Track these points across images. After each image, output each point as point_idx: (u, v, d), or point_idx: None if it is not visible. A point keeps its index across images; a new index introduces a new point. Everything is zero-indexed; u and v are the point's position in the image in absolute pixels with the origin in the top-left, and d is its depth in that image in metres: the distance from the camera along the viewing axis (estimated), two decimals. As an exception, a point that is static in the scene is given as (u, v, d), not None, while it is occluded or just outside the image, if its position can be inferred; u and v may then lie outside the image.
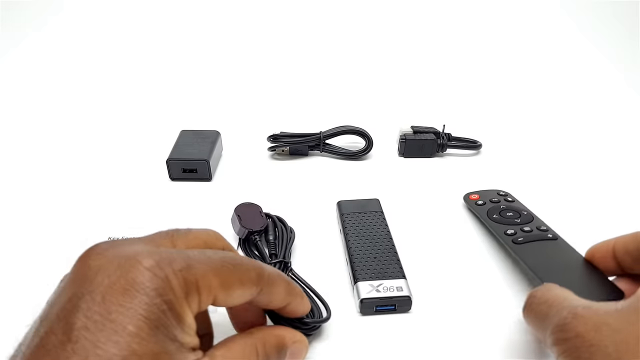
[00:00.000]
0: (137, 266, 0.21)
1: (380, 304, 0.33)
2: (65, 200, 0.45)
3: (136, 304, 0.20)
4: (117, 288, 0.20)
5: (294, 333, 0.28)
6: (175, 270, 0.21)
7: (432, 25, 0.77)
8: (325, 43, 0.76)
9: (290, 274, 0.36)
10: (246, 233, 0.39)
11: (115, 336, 0.19)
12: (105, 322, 0.19)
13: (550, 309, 0.25)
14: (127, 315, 0.19)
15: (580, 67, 0.72)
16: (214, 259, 0.24)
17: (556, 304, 0.25)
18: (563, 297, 0.26)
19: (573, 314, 0.24)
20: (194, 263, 0.22)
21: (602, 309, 0.23)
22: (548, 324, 0.25)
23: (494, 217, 0.41)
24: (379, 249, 0.37)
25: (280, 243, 0.38)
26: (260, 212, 0.41)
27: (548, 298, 0.26)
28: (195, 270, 0.22)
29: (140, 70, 0.71)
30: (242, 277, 0.24)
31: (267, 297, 0.27)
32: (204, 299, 0.23)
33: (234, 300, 0.25)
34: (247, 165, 0.52)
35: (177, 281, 0.21)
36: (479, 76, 0.71)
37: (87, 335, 0.19)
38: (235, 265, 0.24)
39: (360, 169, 0.52)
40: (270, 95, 0.67)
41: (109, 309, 0.19)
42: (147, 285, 0.20)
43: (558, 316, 0.24)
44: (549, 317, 0.25)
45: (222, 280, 0.23)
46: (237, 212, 0.40)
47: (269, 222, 0.40)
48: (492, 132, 0.57)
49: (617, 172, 0.51)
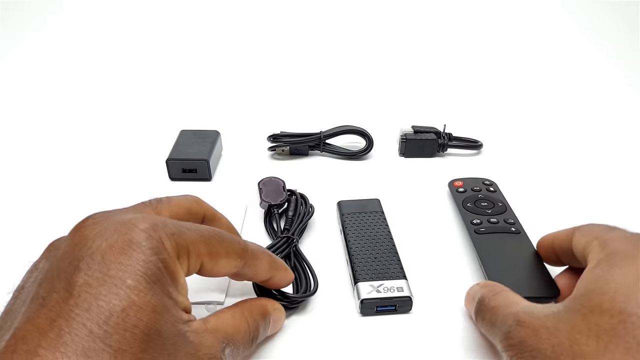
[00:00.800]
0: (133, 229, 0.22)
1: (381, 305, 0.33)
2: (65, 200, 0.45)
3: (134, 261, 0.21)
4: (115, 248, 0.21)
5: (273, 302, 0.32)
6: (168, 234, 0.23)
7: (432, 25, 0.77)
8: (325, 43, 0.76)
9: (294, 250, 0.37)
10: (267, 206, 0.41)
11: (116, 289, 0.20)
12: (106, 277, 0.21)
13: (497, 318, 0.26)
14: (126, 271, 0.21)
15: (582, 67, 0.72)
16: (202, 229, 0.26)
17: (501, 312, 0.26)
18: (507, 303, 0.27)
19: (516, 320, 0.24)
20: (185, 230, 0.24)
21: (542, 313, 0.24)
22: (496, 332, 0.26)
23: (467, 205, 0.41)
24: (379, 249, 0.37)
25: (296, 219, 0.40)
26: (283, 187, 0.43)
27: (494, 305, 0.27)
28: (186, 236, 0.24)
29: (140, 70, 0.71)
30: (227, 248, 0.27)
31: (252, 270, 0.29)
32: (192, 263, 0.25)
33: (220, 270, 0.27)
34: (247, 165, 0.52)
35: (170, 243, 0.23)
36: (479, 76, 0.71)
37: (88, 290, 0.20)
38: (221, 237, 0.27)
39: (361, 169, 0.51)
40: (270, 95, 0.67)
41: (108, 266, 0.21)
42: (144, 244, 0.22)
43: (504, 325, 0.25)
44: (496, 325, 0.26)
45: (210, 249, 0.26)
46: (260, 185, 0.43)
47: (291, 198, 0.42)
48: (493, 132, 0.57)
49: (618, 172, 0.51)
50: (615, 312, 0.21)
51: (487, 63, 0.73)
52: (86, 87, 0.68)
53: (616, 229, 0.27)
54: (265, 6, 0.78)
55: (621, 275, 0.23)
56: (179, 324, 0.23)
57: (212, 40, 0.76)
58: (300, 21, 0.78)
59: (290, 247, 0.37)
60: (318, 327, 0.33)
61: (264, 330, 0.30)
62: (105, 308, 0.20)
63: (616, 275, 0.23)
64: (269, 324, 0.31)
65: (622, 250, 0.24)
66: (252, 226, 0.42)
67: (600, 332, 0.21)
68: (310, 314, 0.34)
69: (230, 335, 0.27)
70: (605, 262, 0.24)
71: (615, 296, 0.22)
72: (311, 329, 0.32)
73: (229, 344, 0.26)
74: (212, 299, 0.34)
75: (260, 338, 0.30)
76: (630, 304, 0.21)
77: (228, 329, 0.27)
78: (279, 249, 0.36)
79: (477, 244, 0.38)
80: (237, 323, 0.28)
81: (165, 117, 0.61)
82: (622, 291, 0.22)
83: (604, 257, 0.24)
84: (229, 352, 0.26)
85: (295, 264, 0.36)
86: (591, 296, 0.23)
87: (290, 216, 0.41)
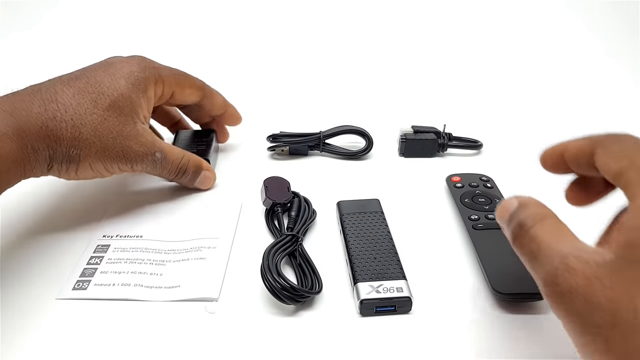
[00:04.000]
0: (131, 61, 0.42)
1: (381, 305, 0.33)
2: (64, 200, 0.45)
3: (126, 71, 0.40)
4: (116, 65, 0.41)
5: (208, 166, 0.46)
6: (149, 67, 0.42)
7: (432, 25, 0.77)
8: (325, 43, 0.76)
9: (299, 248, 0.37)
10: (271, 204, 0.42)
11: (111, 78, 0.39)
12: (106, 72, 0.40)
13: (540, 252, 0.24)
14: (120, 73, 0.40)
15: (581, 67, 0.72)
16: (175, 70, 0.45)
17: (546, 247, 0.24)
18: (555, 237, 0.24)
19: (565, 265, 0.22)
20: (163, 68, 0.43)
21: (593, 260, 0.22)
22: (538, 268, 0.24)
23: (465, 201, 0.42)
24: (379, 249, 0.37)
25: (299, 220, 0.40)
26: (288, 187, 0.43)
27: (538, 237, 0.25)
28: (162, 71, 0.43)
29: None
30: (191, 82, 0.46)
31: (210, 101, 0.48)
32: (166, 89, 0.44)
33: (186, 98, 0.46)
34: (246, 165, 0.52)
35: (150, 72, 0.42)
36: (480, 75, 0.71)
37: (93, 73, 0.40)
38: (186, 75, 0.46)
39: (360, 169, 0.51)
40: (270, 95, 0.67)
41: (109, 69, 0.40)
42: (134, 67, 0.41)
43: (549, 265, 0.23)
44: (538, 260, 0.24)
45: (178, 81, 0.44)
46: (265, 183, 0.43)
47: (294, 200, 0.42)
48: (493, 132, 0.57)
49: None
50: None
51: (487, 63, 0.73)
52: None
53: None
54: (266, 6, 0.78)
55: None
56: (135, 115, 0.40)
57: (211, 40, 0.76)
58: (300, 21, 0.78)
59: (295, 245, 0.37)
60: (318, 328, 0.32)
61: (192, 176, 0.44)
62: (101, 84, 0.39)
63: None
64: (198, 175, 0.45)
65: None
66: (249, 224, 0.42)
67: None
68: (310, 314, 0.34)
69: (166, 151, 0.42)
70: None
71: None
72: (311, 329, 0.32)
73: (162, 153, 0.41)
74: (206, 295, 0.34)
75: (186, 177, 0.44)
76: None
77: (166, 147, 0.42)
78: (284, 246, 0.36)
79: (475, 240, 0.38)
80: (176, 151, 0.43)
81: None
82: None
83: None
84: (159, 157, 0.41)
85: (300, 262, 0.36)
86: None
87: (293, 216, 0.41)
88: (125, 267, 0.37)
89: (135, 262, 0.37)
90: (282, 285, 0.32)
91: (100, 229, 0.41)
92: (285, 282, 0.32)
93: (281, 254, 0.36)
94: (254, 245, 0.39)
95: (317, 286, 0.34)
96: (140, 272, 0.37)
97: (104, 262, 0.37)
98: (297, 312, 0.34)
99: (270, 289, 0.33)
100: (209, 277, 0.36)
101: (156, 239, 0.40)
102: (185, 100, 0.47)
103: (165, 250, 0.39)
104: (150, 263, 0.37)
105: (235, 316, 0.33)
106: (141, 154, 0.40)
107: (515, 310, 0.33)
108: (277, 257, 0.35)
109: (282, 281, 0.32)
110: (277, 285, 0.32)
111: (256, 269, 0.34)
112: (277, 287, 0.32)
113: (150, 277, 0.36)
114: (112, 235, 0.40)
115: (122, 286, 0.35)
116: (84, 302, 0.34)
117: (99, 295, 0.35)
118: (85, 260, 0.38)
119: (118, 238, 0.40)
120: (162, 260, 0.38)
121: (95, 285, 0.35)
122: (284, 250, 0.36)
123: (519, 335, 0.32)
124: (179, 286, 0.35)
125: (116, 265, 0.37)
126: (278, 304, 0.34)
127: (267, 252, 0.35)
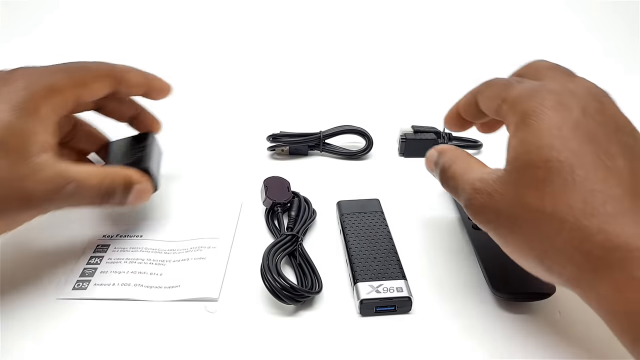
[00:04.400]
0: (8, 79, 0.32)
1: (380, 305, 0.33)
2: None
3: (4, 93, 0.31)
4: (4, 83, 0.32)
5: (141, 175, 0.36)
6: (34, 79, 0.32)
7: (432, 24, 0.77)
8: (325, 43, 0.76)
9: (299, 248, 0.37)
10: (271, 204, 0.42)
11: None
12: None
13: (458, 185, 0.30)
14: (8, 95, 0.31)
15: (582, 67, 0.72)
16: (69, 68, 0.34)
17: (461, 180, 0.30)
18: (465, 170, 0.31)
19: (473, 189, 0.28)
20: (51, 73, 0.33)
21: (491, 179, 0.28)
22: (460, 198, 0.30)
23: None
24: (379, 249, 0.37)
25: (299, 220, 0.40)
26: (288, 187, 0.43)
27: (454, 173, 0.31)
28: (52, 78, 0.33)
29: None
30: (94, 73, 0.35)
31: (127, 84, 0.37)
32: (67, 95, 0.33)
33: (96, 93, 0.36)
34: (246, 165, 0.52)
35: (37, 85, 0.32)
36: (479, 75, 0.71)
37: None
38: (86, 67, 0.35)
39: (360, 169, 0.51)
40: (270, 95, 0.67)
41: None
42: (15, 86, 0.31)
43: (465, 193, 0.29)
44: (458, 191, 0.30)
45: (76, 79, 0.34)
46: (265, 183, 0.43)
47: (294, 200, 0.42)
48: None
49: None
50: (542, 164, 0.25)
51: (487, 63, 0.73)
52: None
53: (512, 84, 0.29)
54: (266, 6, 0.78)
55: (537, 131, 0.26)
56: (28, 146, 0.30)
57: (211, 40, 0.76)
58: (300, 21, 0.78)
59: (295, 245, 0.37)
60: (317, 328, 0.32)
61: (122, 195, 0.35)
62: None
63: (533, 135, 0.26)
64: (129, 191, 0.35)
65: (528, 109, 0.27)
66: (249, 224, 0.42)
67: (537, 183, 0.25)
68: (309, 314, 0.34)
69: (80, 179, 0.32)
70: (521, 124, 0.27)
71: (538, 151, 0.25)
72: (310, 329, 0.32)
73: (75, 182, 0.32)
74: (206, 294, 0.34)
75: (116, 199, 0.35)
76: (551, 152, 0.25)
77: (79, 174, 0.32)
78: (284, 246, 0.36)
79: (474, 240, 0.38)
80: (94, 174, 0.33)
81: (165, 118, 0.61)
82: (541, 144, 0.25)
83: (519, 120, 0.27)
84: (73, 188, 0.32)
85: (300, 262, 0.36)
86: (521, 158, 0.26)
87: (293, 216, 0.41)
88: (125, 267, 0.37)
89: (135, 262, 0.37)
90: (282, 285, 0.32)
91: (100, 228, 0.41)
92: (285, 282, 0.32)
93: (281, 254, 0.36)
94: (254, 245, 0.39)
95: (317, 286, 0.35)
96: (140, 272, 0.37)
97: (104, 261, 0.37)
98: (297, 312, 0.34)
99: (270, 289, 0.33)
100: (209, 277, 0.36)
101: (156, 239, 0.40)
102: (97, 94, 0.36)
103: (165, 250, 0.39)
104: (150, 263, 0.37)
105: (235, 316, 0.33)
106: (48, 193, 0.31)
107: (515, 310, 0.33)
108: (277, 257, 0.35)
109: (282, 281, 0.32)
110: (277, 285, 0.32)
111: (256, 269, 0.34)
112: (277, 287, 0.32)
113: (150, 277, 0.36)
114: (112, 235, 0.40)
115: (122, 286, 0.35)
116: (84, 302, 0.34)
117: (99, 295, 0.35)
118: (85, 260, 0.38)
119: (118, 238, 0.40)
120: (162, 260, 0.38)
121: (95, 285, 0.35)
122: (284, 250, 0.36)
123: (519, 335, 0.32)
124: (179, 286, 0.35)
125: (116, 265, 0.37)
126: (278, 304, 0.34)
127: (267, 252, 0.35)
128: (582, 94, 0.27)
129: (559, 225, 0.24)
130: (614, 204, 0.23)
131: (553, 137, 0.25)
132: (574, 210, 0.23)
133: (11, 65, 0.33)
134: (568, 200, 0.24)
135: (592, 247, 0.23)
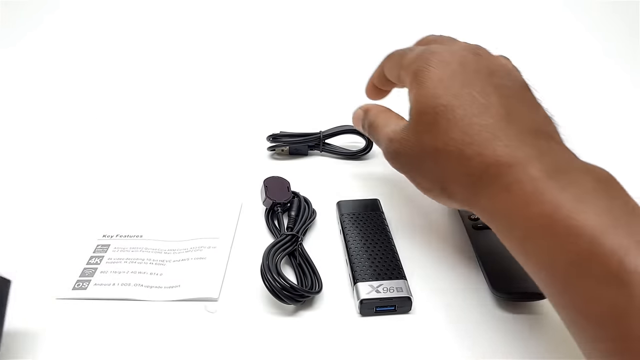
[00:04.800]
0: None
1: (380, 305, 0.33)
2: (64, 200, 0.45)
3: None
4: None
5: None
6: None
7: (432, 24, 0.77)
8: (324, 43, 0.76)
9: (299, 248, 0.37)
10: (271, 204, 0.42)
11: None
12: None
13: (379, 136, 0.36)
14: None
15: (582, 67, 0.72)
16: None
17: (380, 132, 0.36)
18: (383, 124, 0.36)
19: (389, 139, 0.34)
20: None
21: (399, 129, 0.33)
22: (381, 148, 0.36)
23: None
24: (378, 249, 0.37)
25: (299, 220, 0.40)
26: (287, 187, 0.43)
27: (375, 128, 0.37)
28: None
29: (138, 69, 0.71)
30: None
31: None
32: None
33: None
34: (246, 165, 0.52)
35: None
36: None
37: None
38: None
39: (360, 169, 0.51)
40: (270, 95, 0.67)
41: None
42: None
43: (383, 143, 0.35)
44: (380, 142, 0.36)
45: None
46: (265, 183, 0.43)
47: (294, 200, 0.42)
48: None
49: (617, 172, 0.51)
50: (431, 110, 0.30)
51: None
52: (85, 88, 0.68)
53: (406, 52, 0.35)
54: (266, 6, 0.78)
55: (424, 86, 0.31)
56: None
57: (211, 40, 0.76)
58: (299, 21, 0.78)
59: (295, 245, 0.37)
60: (317, 328, 0.32)
61: None
62: None
63: (421, 89, 0.31)
64: None
65: (417, 69, 0.32)
66: (249, 224, 0.42)
67: (429, 127, 0.30)
68: (309, 314, 0.34)
69: None
70: (413, 82, 0.32)
71: (426, 101, 0.30)
72: (311, 329, 0.32)
73: None
74: (206, 294, 0.34)
75: None
76: (435, 100, 0.30)
77: None
78: (284, 246, 0.36)
79: (474, 240, 0.38)
80: None
81: (165, 118, 0.61)
82: (428, 94, 0.30)
83: (412, 79, 0.32)
84: None
85: (300, 262, 0.36)
86: (415, 108, 0.31)
87: (293, 216, 0.41)
88: (125, 267, 0.37)
89: (135, 262, 0.37)
90: (282, 285, 0.32)
91: (100, 228, 0.41)
92: (285, 282, 0.32)
93: (281, 254, 0.36)
94: (254, 245, 0.39)
95: (317, 286, 0.35)
96: (140, 271, 0.37)
97: (103, 261, 0.37)
98: (297, 312, 0.34)
99: (270, 289, 0.33)
100: (209, 277, 0.36)
101: (156, 239, 0.40)
102: None
103: (165, 250, 0.39)
104: (150, 263, 0.37)
105: (235, 316, 0.33)
106: None
107: (515, 310, 0.33)
108: (277, 257, 0.35)
109: (282, 281, 0.32)
110: (277, 285, 0.32)
111: (256, 269, 0.34)
112: (277, 287, 0.32)
113: (150, 276, 0.36)
114: (112, 235, 0.40)
115: (122, 286, 0.35)
116: (84, 302, 0.34)
117: (98, 295, 0.35)
118: (85, 260, 0.38)
119: (118, 238, 0.40)
120: (162, 260, 0.38)
121: (95, 285, 0.35)
122: (284, 250, 0.36)
123: (519, 335, 0.32)
124: (179, 286, 0.35)
125: (116, 265, 0.37)
126: (278, 304, 0.34)
127: (267, 252, 0.35)
128: (459, 51, 0.32)
129: (448, 157, 0.29)
130: (487, 132, 0.28)
131: (436, 87, 0.30)
132: (456, 142, 0.28)
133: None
134: (452, 135, 0.29)
135: (473, 170, 0.28)
